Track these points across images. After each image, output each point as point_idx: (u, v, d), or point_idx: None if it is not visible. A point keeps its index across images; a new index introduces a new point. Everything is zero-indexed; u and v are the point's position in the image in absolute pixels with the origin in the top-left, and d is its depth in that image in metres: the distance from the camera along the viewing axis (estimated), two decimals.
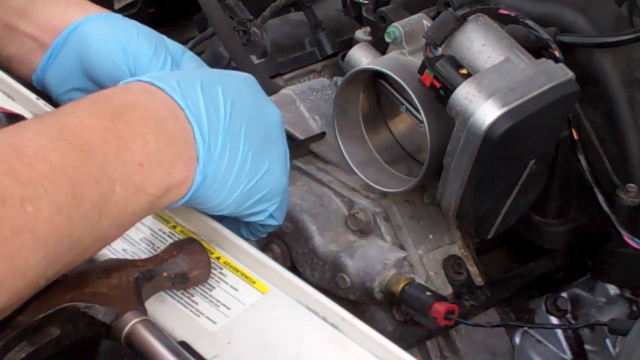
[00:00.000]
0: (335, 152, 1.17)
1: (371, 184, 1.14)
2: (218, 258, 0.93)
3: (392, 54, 1.10)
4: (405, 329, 1.13)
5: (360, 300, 1.13)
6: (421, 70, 1.03)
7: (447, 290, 1.15)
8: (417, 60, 1.06)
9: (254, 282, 0.91)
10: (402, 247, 1.15)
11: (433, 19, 1.08)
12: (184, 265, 0.89)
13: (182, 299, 0.90)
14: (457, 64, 1.03)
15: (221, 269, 0.93)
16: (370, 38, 1.18)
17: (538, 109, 1.01)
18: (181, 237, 0.95)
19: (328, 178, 1.19)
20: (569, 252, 1.24)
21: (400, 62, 1.08)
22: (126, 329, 0.79)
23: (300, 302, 0.89)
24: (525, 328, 1.22)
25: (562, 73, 1.05)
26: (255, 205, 0.93)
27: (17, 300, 0.72)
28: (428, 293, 1.07)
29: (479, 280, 1.18)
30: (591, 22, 1.11)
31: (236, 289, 0.91)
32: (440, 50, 1.04)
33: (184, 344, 0.85)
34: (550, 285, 1.25)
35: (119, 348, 0.81)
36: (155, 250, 0.94)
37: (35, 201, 0.71)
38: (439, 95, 1.02)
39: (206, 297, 0.90)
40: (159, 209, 0.84)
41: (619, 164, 1.14)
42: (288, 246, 1.17)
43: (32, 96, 1.05)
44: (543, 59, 1.06)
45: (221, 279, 0.92)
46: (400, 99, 1.11)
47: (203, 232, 0.95)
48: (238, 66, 1.26)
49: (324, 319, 0.87)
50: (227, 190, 0.88)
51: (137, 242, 0.96)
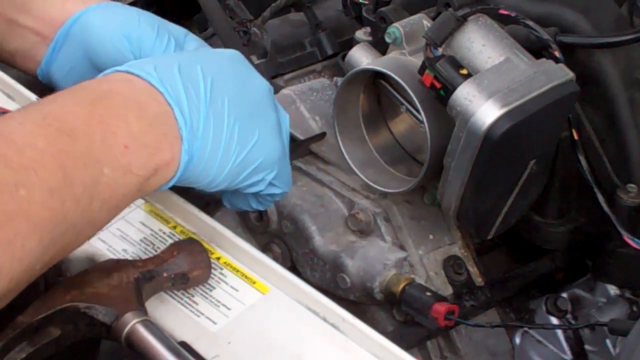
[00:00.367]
0: (336, 152, 1.17)
1: (371, 184, 1.14)
2: (218, 258, 0.93)
3: (392, 54, 1.10)
4: (406, 330, 1.13)
5: (360, 301, 1.13)
6: (421, 70, 1.03)
7: (447, 291, 1.15)
8: (417, 60, 1.06)
9: (254, 283, 0.91)
10: (402, 248, 1.15)
11: (433, 19, 1.08)
12: (184, 266, 0.89)
13: (182, 299, 0.90)
14: (457, 65, 1.03)
15: (221, 269, 0.93)
16: (370, 38, 1.18)
17: (538, 109, 1.01)
18: (181, 237, 0.95)
19: (328, 178, 1.19)
20: (569, 252, 1.24)
21: (400, 62, 1.08)
22: (126, 329, 0.79)
23: (301, 303, 0.89)
24: (526, 328, 1.22)
25: (562, 73, 1.05)
26: (251, 176, 0.93)
27: (15, 285, 0.73)
28: (428, 293, 1.07)
29: (479, 280, 1.18)
30: (591, 23, 1.11)
31: (236, 289, 0.91)
32: (440, 50, 1.04)
33: (184, 344, 0.85)
34: (551, 286, 1.25)
35: (119, 348, 0.81)
36: (156, 251, 0.94)
37: (28, 185, 0.72)
38: (439, 95, 1.02)
39: (206, 298, 0.90)
40: (150, 191, 0.85)
41: (619, 164, 1.14)
42: (288, 246, 1.17)
43: (32, 96, 1.05)
44: (543, 60, 1.06)
45: (221, 279, 0.92)
46: (401, 99, 1.11)
47: (203, 232, 0.95)
48: None
49: (324, 319, 0.87)
50: (217, 166, 0.89)
51: (138, 242, 0.96)
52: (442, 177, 1.06)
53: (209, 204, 1.37)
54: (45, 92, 1.11)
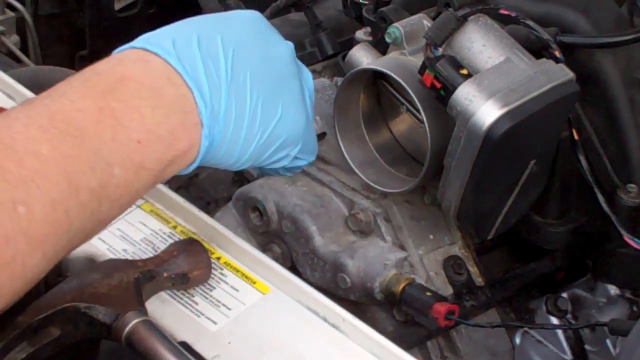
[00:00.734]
0: (336, 152, 1.17)
1: (371, 184, 1.14)
2: (218, 258, 0.93)
3: (392, 54, 1.10)
4: (406, 329, 1.13)
5: (360, 301, 1.13)
6: (422, 70, 1.03)
7: (448, 291, 1.15)
8: (417, 60, 1.06)
9: (254, 283, 0.91)
10: (402, 248, 1.15)
11: (433, 19, 1.08)
12: (185, 266, 0.89)
13: (182, 299, 0.90)
14: (457, 65, 1.03)
15: (222, 269, 0.93)
16: (370, 38, 1.18)
17: (538, 109, 1.01)
18: (182, 237, 0.95)
19: (328, 178, 1.19)
20: (570, 252, 1.24)
21: (400, 62, 1.08)
22: (127, 329, 0.79)
23: (301, 303, 0.89)
24: (526, 328, 1.22)
25: (562, 73, 1.05)
26: (275, 154, 0.89)
27: (17, 298, 0.71)
28: (428, 293, 1.07)
29: (479, 280, 1.18)
30: (592, 23, 1.11)
31: (237, 289, 0.91)
32: (440, 50, 1.04)
33: (184, 345, 0.85)
34: (551, 286, 1.25)
35: (120, 348, 0.81)
36: (156, 251, 0.94)
37: (28, 201, 0.68)
38: (440, 95, 1.02)
39: (207, 298, 0.90)
40: (165, 180, 0.82)
41: (620, 164, 1.14)
42: (288, 246, 1.17)
43: (32, 96, 1.05)
44: (543, 59, 1.06)
45: (222, 279, 0.92)
46: (401, 99, 1.11)
47: (203, 232, 0.95)
48: None
49: (325, 319, 0.87)
50: (240, 148, 0.85)
51: (138, 242, 0.96)
52: (442, 177, 1.06)
53: (209, 204, 1.37)
54: None
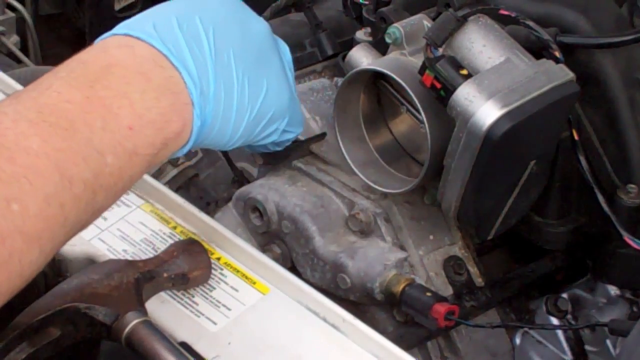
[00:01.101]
0: (336, 152, 1.17)
1: (371, 184, 1.14)
2: (218, 259, 0.93)
3: (392, 55, 1.10)
4: (406, 330, 1.13)
5: (360, 301, 1.13)
6: (422, 70, 1.03)
7: (448, 291, 1.15)
8: (417, 60, 1.06)
9: (254, 283, 0.91)
10: (402, 248, 1.15)
11: (433, 19, 1.08)
12: (185, 266, 0.89)
13: (182, 299, 0.90)
14: (457, 65, 1.03)
15: (221, 269, 0.93)
16: (370, 39, 1.18)
17: (538, 109, 1.01)
18: (181, 237, 0.95)
19: (328, 179, 1.19)
20: (570, 252, 1.24)
21: (400, 62, 1.08)
22: (127, 329, 0.79)
23: (301, 303, 0.89)
24: (526, 329, 1.22)
25: (562, 74, 1.05)
26: (265, 129, 0.90)
27: (16, 293, 0.70)
28: (428, 294, 1.07)
29: (479, 280, 1.18)
30: (592, 23, 1.11)
31: (236, 290, 0.91)
32: (440, 50, 1.04)
33: (184, 345, 0.85)
34: (551, 286, 1.25)
35: (120, 349, 0.81)
36: (156, 251, 0.94)
37: (21, 198, 0.68)
38: (440, 95, 1.02)
39: (206, 298, 0.90)
40: (160, 163, 0.82)
41: (620, 164, 1.14)
42: (288, 247, 1.17)
43: None
44: (543, 60, 1.06)
45: (221, 280, 0.92)
46: (401, 99, 1.11)
47: (203, 232, 0.96)
48: None
49: (325, 320, 0.87)
50: (232, 126, 0.86)
51: (138, 242, 0.96)
52: (443, 177, 1.06)
53: (209, 204, 1.37)
54: None
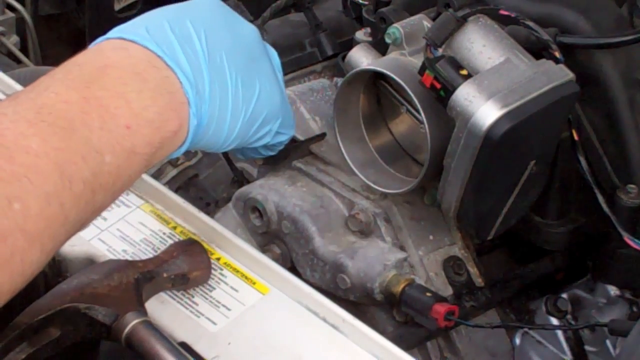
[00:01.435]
0: (336, 153, 1.17)
1: (371, 184, 1.14)
2: (218, 259, 0.93)
3: (392, 55, 1.10)
4: (406, 330, 1.13)
5: (360, 301, 1.13)
6: (421, 71, 1.03)
7: (448, 291, 1.15)
8: (417, 61, 1.06)
9: (254, 283, 0.91)
10: (402, 248, 1.15)
11: (433, 19, 1.08)
12: (184, 266, 0.89)
13: (182, 299, 0.90)
14: (457, 65, 1.03)
15: (221, 269, 0.93)
16: (370, 39, 1.18)
17: (538, 109, 1.01)
18: (181, 237, 0.95)
19: (328, 179, 1.19)
20: (569, 253, 1.24)
21: (400, 63, 1.08)
22: (126, 329, 0.79)
23: (301, 303, 0.89)
24: (526, 329, 1.22)
25: (562, 74, 1.05)
26: (259, 130, 0.92)
27: (17, 292, 0.71)
28: (428, 294, 1.07)
29: (479, 281, 1.18)
30: (591, 23, 1.11)
31: (236, 290, 0.91)
32: (440, 51, 1.04)
33: (184, 345, 0.85)
34: (551, 286, 1.25)
35: (119, 349, 0.81)
36: (156, 251, 0.94)
37: (22, 197, 0.69)
38: (439, 96, 1.02)
39: (206, 298, 0.90)
40: (157, 163, 0.83)
41: (619, 164, 1.14)
42: (288, 247, 1.17)
43: None
44: (543, 60, 1.06)
45: (221, 280, 0.92)
46: (401, 99, 1.11)
47: (203, 232, 0.96)
48: None
49: (324, 320, 0.87)
50: (228, 126, 0.87)
51: (138, 242, 0.96)
52: (442, 177, 1.06)
53: (209, 204, 1.37)
54: None
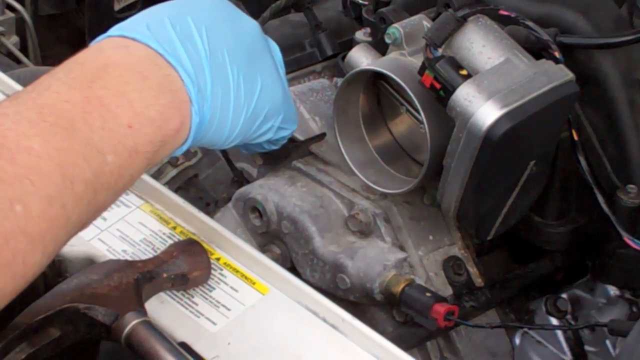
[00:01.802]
0: (336, 153, 1.17)
1: (371, 185, 1.14)
2: (218, 259, 0.93)
3: (392, 55, 1.10)
4: (405, 330, 1.13)
5: (360, 301, 1.13)
6: (421, 71, 1.03)
7: (447, 291, 1.15)
8: (417, 61, 1.06)
9: (253, 283, 0.91)
10: (402, 248, 1.15)
11: (433, 20, 1.08)
12: (184, 266, 0.89)
13: (182, 300, 0.90)
14: (457, 65, 1.03)
15: (221, 269, 0.93)
16: (370, 39, 1.18)
17: (538, 110, 1.01)
18: (181, 238, 0.95)
19: (328, 179, 1.19)
20: (569, 253, 1.24)
21: (400, 63, 1.08)
22: (126, 330, 0.79)
23: (300, 303, 0.89)
24: (526, 329, 1.22)
25: (562, 74, 1.05)
26: (262, 126, 0.92)
27: (18, 294, 0.71)
28: (428, 294, 1.07)
29: (479, 281, 1.18)
30: (591, 23, 1.11)
31: (236, 290, 0.91)
32: (440, 51, 1.04)
33: (184, 345, 0.85)
34: (551, 286, 1.25)
35: (119, 349, 0.81)
36: (156, 251, 0.94)
37: (24, 199, 0.68)
38: (439, 96, 1.02)
39: (206, 298, 0.90)
40: (159, 162, 0.83)
41: (619, 164, 1.14)
42: (288, 247, 1.17)
43: None
44: (543, 60, 1.06)
45: (221, 280, 0.92)
46: (401, 100, 1.11)
47: (203, 232, 0.96)
48: None
49: (324, 320, 0.87)
50: (230, 122, 0.87)
51: (137, 243, 0.96)
52: (442, 177, 1.06)
53: (209, 204, 1.37)
54: None
